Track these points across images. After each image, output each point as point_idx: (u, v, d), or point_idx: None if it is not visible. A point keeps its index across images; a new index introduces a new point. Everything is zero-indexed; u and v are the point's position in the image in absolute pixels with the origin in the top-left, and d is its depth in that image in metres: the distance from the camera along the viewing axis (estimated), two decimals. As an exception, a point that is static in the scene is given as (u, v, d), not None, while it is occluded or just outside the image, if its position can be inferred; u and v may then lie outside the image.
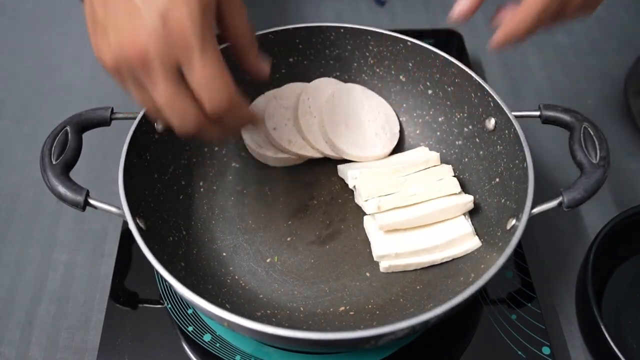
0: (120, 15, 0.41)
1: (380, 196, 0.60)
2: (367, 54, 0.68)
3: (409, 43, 0.65)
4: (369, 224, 0.61)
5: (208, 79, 0.43)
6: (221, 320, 0.46)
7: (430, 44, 0.65)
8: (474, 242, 0.58)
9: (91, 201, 0.51)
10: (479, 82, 0.60)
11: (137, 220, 0.52)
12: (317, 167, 0.68)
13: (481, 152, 0.62)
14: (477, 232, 0.59)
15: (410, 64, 0.67)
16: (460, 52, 0.83)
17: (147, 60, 0.41)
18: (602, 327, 0.52)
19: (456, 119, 0.65)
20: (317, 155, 0.67)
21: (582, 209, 0.70)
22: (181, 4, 0.41)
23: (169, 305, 0.58)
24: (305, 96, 0.67)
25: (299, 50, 0.69)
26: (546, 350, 0.55)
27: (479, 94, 0.61)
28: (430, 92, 0.67)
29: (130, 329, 0.57)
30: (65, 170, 0.52)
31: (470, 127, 0.63)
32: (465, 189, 0.64)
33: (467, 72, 0.61)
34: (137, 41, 0.41)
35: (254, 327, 0.44)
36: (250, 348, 0.56)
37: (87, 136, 0.56)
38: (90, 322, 0.61)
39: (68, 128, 0.54)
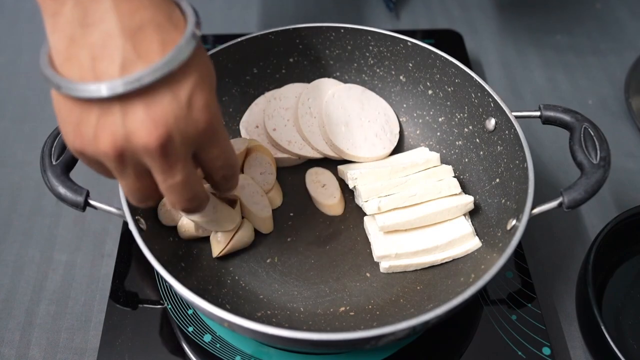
0: (132, 100, 0.37)
1: (380, 197, 0.60)
2: (367, 54, 0.68)
3: (409, 43, 0.65)
4: (369, 224, 0.61)
5: (226, 156, 0.44)
6: (221, 320, 0.46)
7: (430, 44, 0.65)
8: (474, 243, 0.58)
9: (91, 202, 0.51)
10: (479, 83, 0.60)
11: (137, 221, 0.52)
12: (317, 167, 0.68)
13: (481, 153, 0.62)
14: (477, 233, 0.59)
15: (411, 64, 0.67)
16: (460, 52, 0.83)
17: (169, 146, 0.39)
18: (603, 328, 0.52)
19: (456, 119, 0.65)
20: (317, 155, 0.67)
21: (582, 209, 0.70)
22: (205, 90, 0.40)
23: (169, 306, 0.58)
24: (305, 97, 0.67)
25: (299, 51, 0.69)
26: (546, 351, 0.55)
27: (479, 94, 0.61)
28: (430, 92, 0.67)
29: (130, 330, 0.57)
30: (65, 170, 0.52)
31: (471, 127, 0.63)
32: (465, 189, 0.64)
33: (467, 72, 0.61)
34: (160, 127, 0.38)
35: (254, 328, 0.44)
36: (251, 348, 0.56)
37: (87, 136, 0.56)
38: (90, 322, 0.61)
39: (68, 128, 0.54)
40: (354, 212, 0.64)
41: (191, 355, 0.56)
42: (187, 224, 0.58)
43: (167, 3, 0.39)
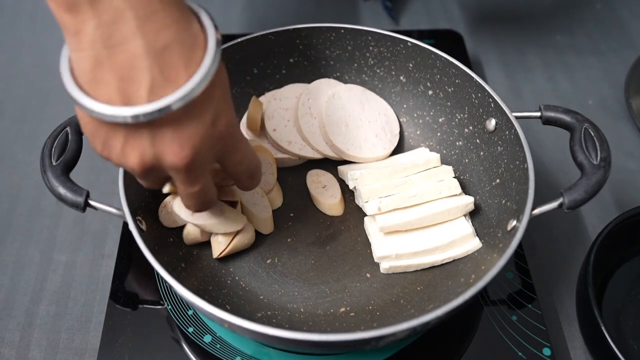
0: (161, 124, 0.39)
1: (380, 197, 0.60)
2: (368, 54, 0.68)
3: (409, 44, 0.65)
4: (369, 224, 0.61)
5: (248, 158, 0.47)
6: (221, 321, 0.46)
7: (430, 44, 0.65)
8: (475, 243, 0.58)
9: (91, 202, 0.51)
10: (479, 83, 0.60)
11: (137, 221, 0.52)
12: (318, 168, 0.68)
13: (482, 153, 0.62)
14: (478, 233, 0.59)
15: (411, 65, 0.67)
16: (460, 52, 0.83)
17: (194, 164, 0.41)
18: (603, 328, 0.52)
19: (457, 119, 0.65)
20: (317, 156, 0.67)
21: (582, 209, 0.70)
22: (227, 106, 0.43)
23: (169, 306, 0.58)
24: (305, 97, 0.67)
25: (299, 51, 0.69)
26: (547, 352, 0.55)
27: (479, 95, 0.61)
28: (430, 92, 0.67)
29: (130, 330, 0.57)
30: (65, 171, 0.52)
31: (471, 127, 0.63)
32: (465, 190, 0.64)
33: (467, 72, 0.61)
34: (187, 148, 0.40)
35: (254, 329, 0.44)
36: (251, 349, 0.56)
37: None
38: (90, 322, 0.61)
39: (68, 129, 0.54)
40: (354, 212, 0.64)
41: (191, 356, 0.56)
42: (193, 231, 0.58)
43: (187, 17, 0.39)
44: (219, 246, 0.58)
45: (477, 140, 0.63)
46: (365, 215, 0.62)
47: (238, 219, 0.57)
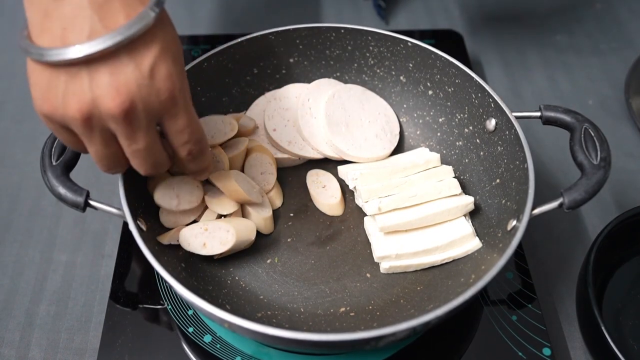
0: (98, 66, 0.40)
1: (380, 197, 0.60)
2: (368, 54, 0.68)
3: (409, 43, 0.65)
4: (369, 224, 0.61)
5: (192, 130, 0.46)
6: (221, 321, 0.46)
7: (430, 44, 0.65)
8: (475, 243, 0.58)
9: (91, 202, 0.51)
10: (479, 83, 0.60)
11: (138, 221, 0.52)
12: (318, 168, 0.68)
13: (482, 153, 0.62)
14: (478, 233, 0.59)
15: (411, 65, 0.67)
16: (460, 52, 0.83)
17: (131, 113, 0.41)
18: (603, 328, 0.52)
19: (457, 119, 0.65)
20: (317, 156, 0.67)
21: (582, 209, 0.70)
22: (169, 60, 0.42)
23: (169, 306, 0.58)
24: (305, 97, 0.67)
25: (299, 51, 0.69)
26: (547, 351, 0.55)
27: (479, 95, 0.61)
28: (430, 92, 0.67)
29: (130, 330, 0.57)
30: (65, 171, 0.52)
31: (471, 127, 0.63)
32: (465, 190, 0.64)
33: (467, 72, 0.61)
34: (123, 94, 0.40)
35: (255, 328, 0.44)
36: (251, 349, 0.56)
37: (87, 137, 0.56)
38: (90, 322, 0.61)
39: (68, 129, 0.54)
40: (354, 212, 0.64)
41: (191, 356, 0.56)
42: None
43: None
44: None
45: (477, 140, 0.63)
46: (365, 215, 0.62)
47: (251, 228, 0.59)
